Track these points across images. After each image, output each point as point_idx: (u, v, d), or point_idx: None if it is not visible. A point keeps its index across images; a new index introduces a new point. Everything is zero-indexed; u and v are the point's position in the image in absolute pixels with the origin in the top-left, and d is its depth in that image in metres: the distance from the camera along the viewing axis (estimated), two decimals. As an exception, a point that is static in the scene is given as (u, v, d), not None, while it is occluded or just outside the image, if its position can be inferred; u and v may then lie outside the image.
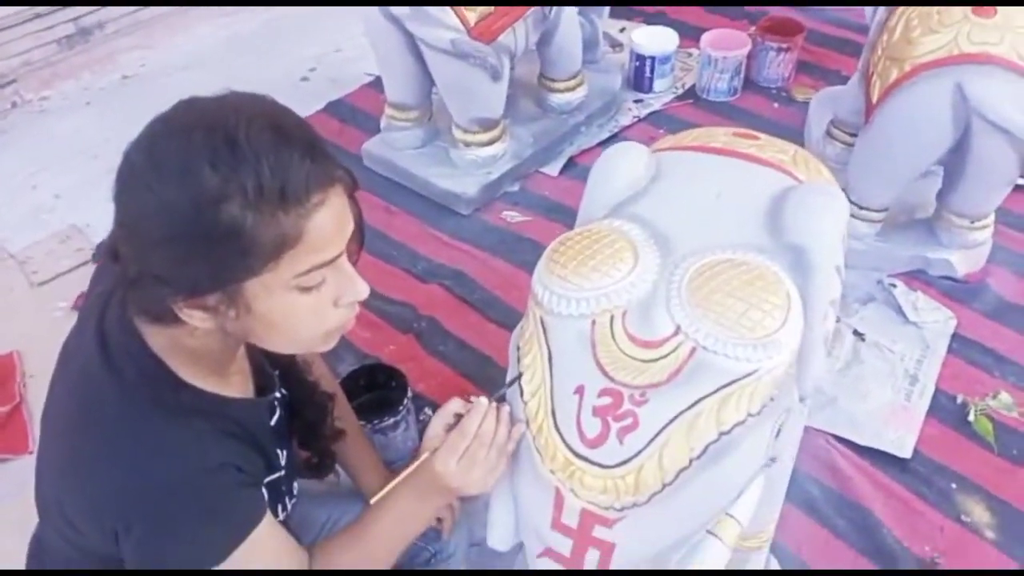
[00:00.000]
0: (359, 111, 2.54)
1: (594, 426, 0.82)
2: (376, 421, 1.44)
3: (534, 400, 0.87)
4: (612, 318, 0.85)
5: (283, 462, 0.99)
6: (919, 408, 1.60)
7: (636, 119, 2.42)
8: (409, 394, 1.49)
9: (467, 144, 2.11)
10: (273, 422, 0.99)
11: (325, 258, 0.78)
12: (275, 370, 1.04)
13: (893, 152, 1.69)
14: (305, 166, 0.74)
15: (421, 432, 1.55)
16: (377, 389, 1.54)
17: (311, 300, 0.80)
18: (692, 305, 0.83)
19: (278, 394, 1.02)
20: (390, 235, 2.11)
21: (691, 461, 0.79)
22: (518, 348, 0.91)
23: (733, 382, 0.80)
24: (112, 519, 0.80)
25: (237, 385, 0.93)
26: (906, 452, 1.52)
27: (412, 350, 1.77)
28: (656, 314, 0.84)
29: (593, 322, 0.86)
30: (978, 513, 1.44)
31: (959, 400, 1.61)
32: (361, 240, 0.88)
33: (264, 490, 0.93)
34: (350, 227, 0.82)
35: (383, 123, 2.23)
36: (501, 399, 0.91)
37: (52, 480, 0.89)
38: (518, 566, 1.13)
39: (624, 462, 0.81)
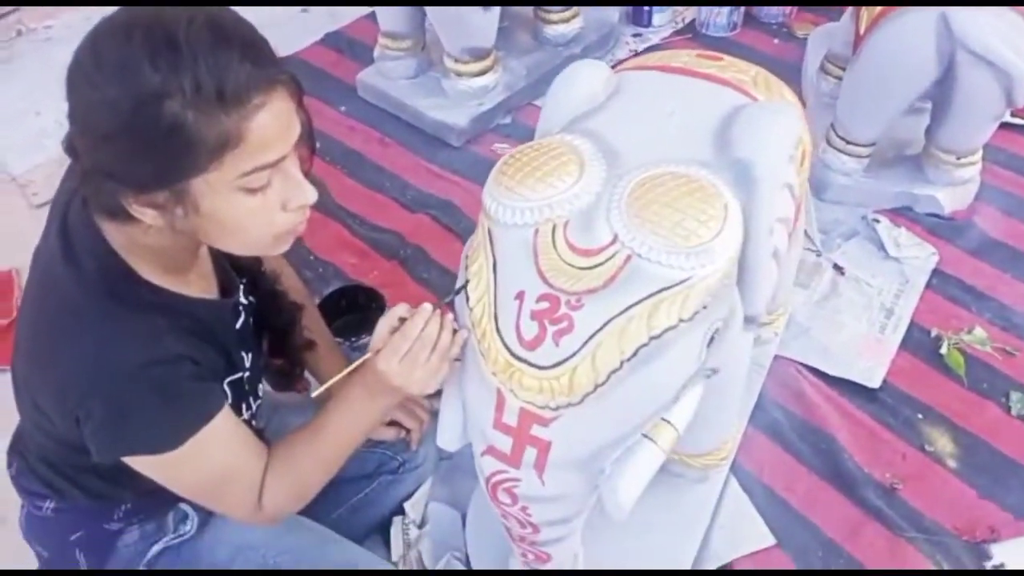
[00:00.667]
0: (356, 42, 2.54)
1: (532, 329, 0.85)
2: (354, 339, 1.48)
3: (479, 306, 0.90)
4: (554, 227, 0.88)
5: (247, 364, 1.03)
6: (892, 341, 1.62)
7: (633, 53, 2.41)
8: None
9: (458, 74, 2.11)
10: (238, 325, 1.03)
11: (268, 159, 0.80)
12: (242, 278, 1.07)
13: (879, 84, 1.68)
14: (245, 68, 0.75)
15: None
16: (357, 310, 1.58)
17: (257, 202, 0.82)
18: (630, 215, 0.85)
19: (244, 300, 1.06)
20: (382, 165, 2.13)
21: (622, 363, 0.82)
22: (466, 257, 0.94)
23: (665, 288, 0.82)
24: (73, 404, 0.85)
25: (198, 286, 0.97)
26: (875, 382, 1.54)
27: (397, 276, 1.81)
28: (596, 224, 0.87)
29: (536, 231, 0.88)
30: (942, 443, 1.46)
31: (933, 334, 1.63)
32: (312, 146, 0.90)
33: (227, 388, 0.98)
34: (295, 131, 0.83)
35: (376, 52, 2.23)
36: (445, 306, 0.94)
37: (22, 371, 0.94)
38: (513, 566, 1.17)
39: (559, 363, 0.84)
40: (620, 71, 1.12)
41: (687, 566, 1.27)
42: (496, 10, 2.01)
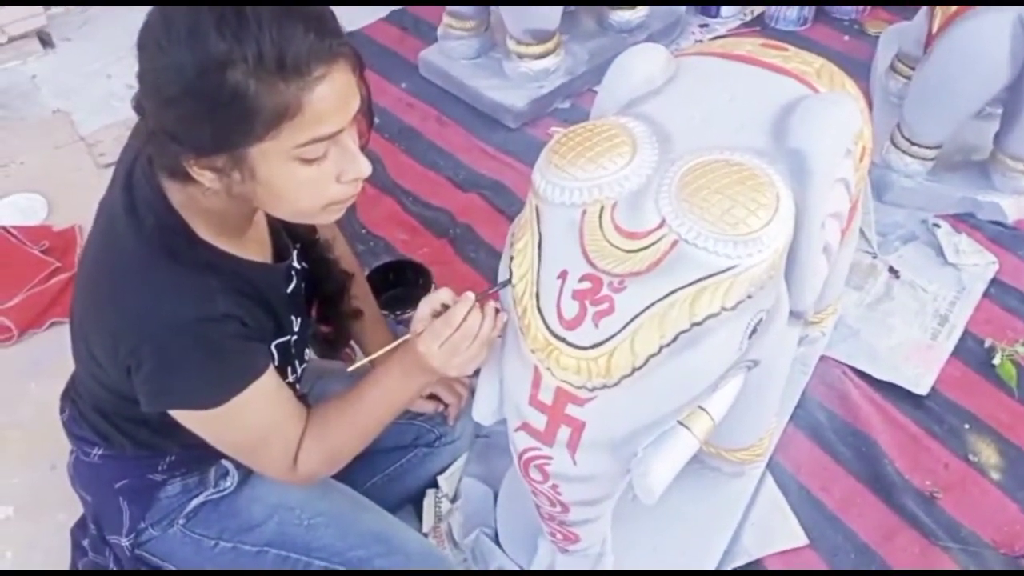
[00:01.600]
0: (421, 20, 2.55)
1: (572, 309, 0.85)
2: (399, 312, 1.50)
3: (521, 283, 0.90)
4: (602, 209, 0.88)
5: (296, 328, 1.05)
6: (944, 348, 1.58)
7: (698, 43, 2.38)
8: (432, 289, 1.54)
9: (520, 56, 2.11)
10: (289, 290, 1.05)
11: (326, 131, 0.81)
12: (296, 243, 1.10)
13: (948, 85, 1.63)
14: (308, 39, 0.76)
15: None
16: (405, 285, 1.60)
17: (312, 172, 0.83)
18: (679, 200, 0.85)
19: (296, 265, 1.08)
20: (438, 144, 2.15)
21: (661, 348, 0.82)
22: (512, 234, 0.95)
23: (710, 276, 0.82)
24: (125, 354, 0.88)
25: (254, 250, 0.99)
26: (922, 389, 1.51)
27: (445, 254, 1.82)
28: (644, 207, 0.86)
29: (584, 212, 0.88)
30: (987, 454, 1.43)
31: (987, 344, 1.59)
32: (371, 121, 0.91)
33: (274, 350, 1.00)
34: (355, 104, 0.84)
35: (440, 31, 2.25)
36: (488, 297, 0.95)
37: (79, 318, 0.97)
38: (542, 548, 1.18)
39: (597, 344, 0.84)
40: (680, 55, 1.11)
41: (715, 560, 1.27)
42: (561, -7, 2.00)
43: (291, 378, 1.06)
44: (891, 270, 1.74)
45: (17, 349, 1.70)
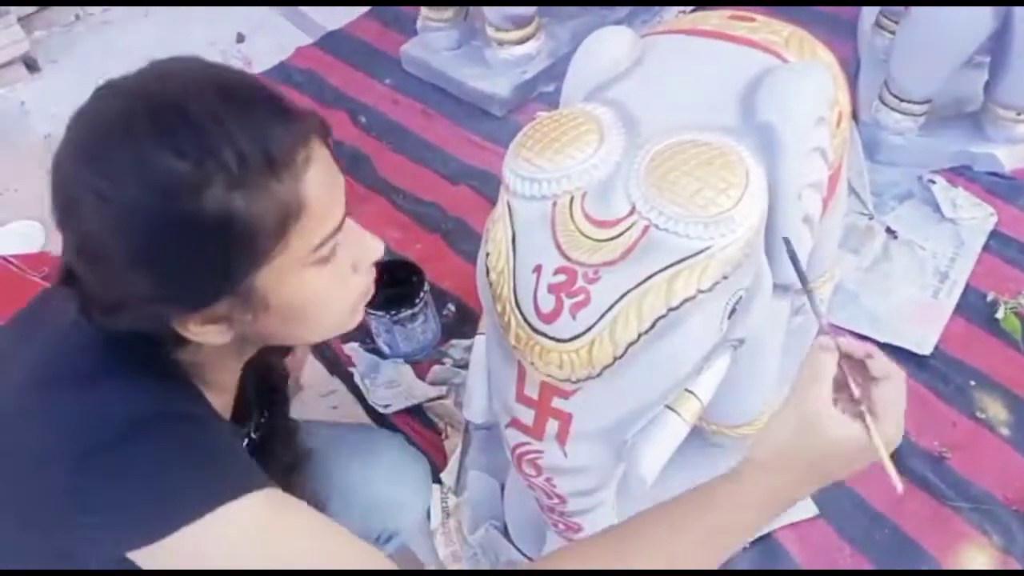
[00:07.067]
0: (401, 14, 2.52)
1: (549, 302, 0.85)
2: (394, 312, 1.50)
3: (499, 279, 0.90)
4: (572, 199, 0.87)
5: None
6: (946, 306, 1.56)
7: (681, 14, 2.35)
8: (426, 288, 1.54)
9: (500, 43, 2.10)
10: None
11: (336, 217, 0.69)
12: (263, 410, 0.92)
13: (932, 39, 1.60)
14: (281, 122, 0.64)
15: (443, 326, 1.62)
16: (398, 285, 1.60)
17: (331, 271, 0.70)
18: (648, 185, 0.84)
19: (253, 435, 0.90)
20: (426, 138, 2.13)
21: (640, 335, 0.82)
22: (487, 230, 0.95)
23: (684, 259, 0.81)
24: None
25: (217, 402, 0.77)
26: (926, 349, 1.49)
27: (439, 249, 1.82)
28: (614, 194, 0.86)
29: (555, 203, 0.88)
30: (995, 410, 1.42)
31: (989, 298, 1.57)
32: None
33: None
34: (342, 179, 0.71)
35: (419, 24, 2.23)
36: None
37: None
38: (550, 538, 1.18)
39: (577, 336, 0.84)
40: (648, 35, 1.10)
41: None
42: (536, -25, 1.98)
43: None
44: (888, 230, 1.71)
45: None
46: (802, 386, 0.69)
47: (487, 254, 0.91)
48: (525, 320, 0.87)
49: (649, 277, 0.81)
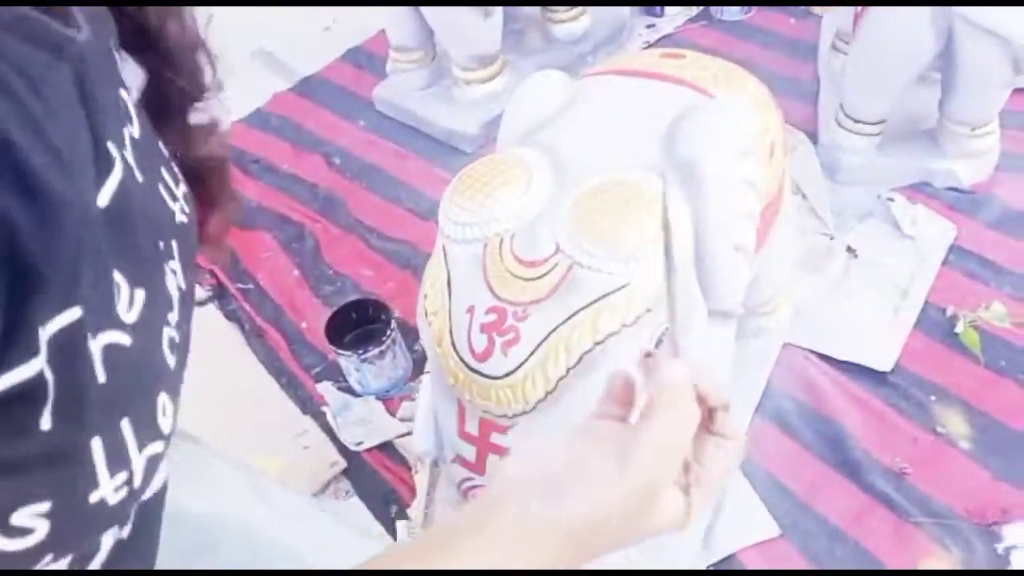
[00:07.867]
0: (375, 56, 2.58)
1: (481, 342, 0.88)
2: (361, 351, 1.53)
3: (436, 320, 0.93)
4: (501, 241, 0.91)
5: None
6: (905, 322, 1.59)
7: (647, 44, 2.39)
8: (393, 326, 1.57)
9: (467, 82, 2.15)
10: None
11: None
12: None
13: (879, 60, 1.65)
14: None
15: (414, 361, 1.65)
16: (368, 323, 1.63)
17: None
18: (572, 225, 0.87)
19: None
20: (399, 177, 2.17)
21: (568, 370, 0.85)
22: (427, 274, 0.98)
23: (606, 295, 0.84)
24: None
25: None
26: (886, 366, 1.51)
27: (410, 285, 1.84)
28: (540, 235, 0.89)
29: (486, 245, 0.91)
30: (955, 424, 1.44)
31: (948, 313, 1.59)
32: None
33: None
34: None
35: (389, 67, 2.28)
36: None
37: None
38: None
39: (509, 373, 0.87)
40: (580, 78, 1.14)
41: (690, 558, 1.28)
42: (498, 16, 2.03)
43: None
44: (849, 249, 1.74)
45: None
46: (649, 444, 0.51)
47: (425, 296, 0.95)
48: (461, 359, 0.90)
49: (575, 313, 0.85)
